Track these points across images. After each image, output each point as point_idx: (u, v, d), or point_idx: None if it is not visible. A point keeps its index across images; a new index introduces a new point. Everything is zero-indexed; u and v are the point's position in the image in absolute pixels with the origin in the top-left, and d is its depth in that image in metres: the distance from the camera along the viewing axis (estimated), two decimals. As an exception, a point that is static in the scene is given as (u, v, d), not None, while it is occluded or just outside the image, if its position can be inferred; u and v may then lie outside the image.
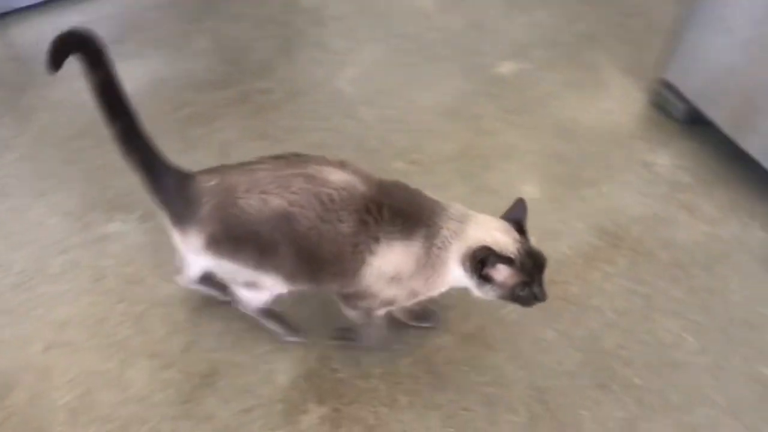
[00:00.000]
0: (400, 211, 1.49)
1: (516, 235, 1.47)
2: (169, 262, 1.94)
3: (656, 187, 2.28)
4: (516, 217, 1.51)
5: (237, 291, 1.72)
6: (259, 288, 1.66)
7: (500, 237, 1.46)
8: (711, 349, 1.90)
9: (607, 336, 1.90)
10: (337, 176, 1.49)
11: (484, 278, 1.46)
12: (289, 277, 1.58)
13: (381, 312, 1.69)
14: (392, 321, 1.81)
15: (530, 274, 1.44)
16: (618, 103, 2.55)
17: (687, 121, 2.47)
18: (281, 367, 1.80)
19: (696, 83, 2.36)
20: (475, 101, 2.51)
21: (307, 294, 1.74)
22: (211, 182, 1.52)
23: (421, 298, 1.61)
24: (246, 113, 2.39)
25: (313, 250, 1.50)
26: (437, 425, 1.72)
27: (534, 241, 1.50)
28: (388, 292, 1.57)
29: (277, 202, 1.46)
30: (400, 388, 1.78)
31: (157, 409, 1.72)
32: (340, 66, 2.58)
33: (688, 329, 1.93)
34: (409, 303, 1.66)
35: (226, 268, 1.62)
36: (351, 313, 1.70)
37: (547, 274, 1.50)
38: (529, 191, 2.23)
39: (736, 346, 1.91)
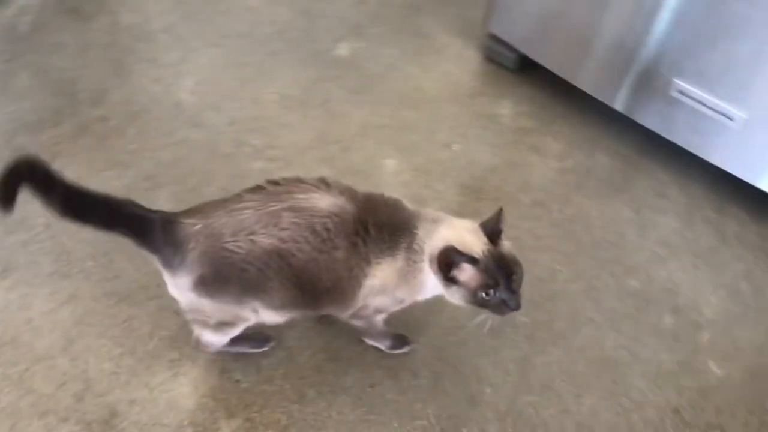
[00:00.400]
0: (384, 226, 1.47)
1: (485, 238, 1.43)
2: (42, 315, 1.85)
3: (504, 136, 2.41)
4: (491, 223, 1.45)
5: (201, 335, 1.67)
6: (232, 326, 1.63)
7: (468, 237, 1.43)
8: (583, 274, 2.04)
9: (489, 284, 2.00)
10: (325, 202, 1.45)
11: (450, 279, 1.43)
12: (280, 307, 1.57)
13: (379, 318, 1.69)
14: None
15: (494, 277, 1.39)
16: (454, 64, 2.65)
17: (520, 69, 2.61)
18: (183, 392, 1.76)
19: (520, 32, 2.50)
20: (320, 87, 2.53)
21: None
22: (196, 226, 1.45)
23: (407, 304, 1.62)
24: (88, 145, 2.28)
25: (313, 281, 1.48)
26: (349, 408, 1.75)
27: (509, 246, 1.48)
28: (376, 301, 1.57)
29: (267, 241, 1.42)
30: (305, 382, 1.79)
31: (60, 468, 1.64)
32: (177, 77, 2.51)
33: (559, 260, 2.07)
34: (396, 309, 1.65)
35: (203, 307, 1.56)
36: (353, 323, 1.70)
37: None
38: (390, 164, 2.29)
39: (604, 265, 2.07)
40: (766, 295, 2.03)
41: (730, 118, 2.01)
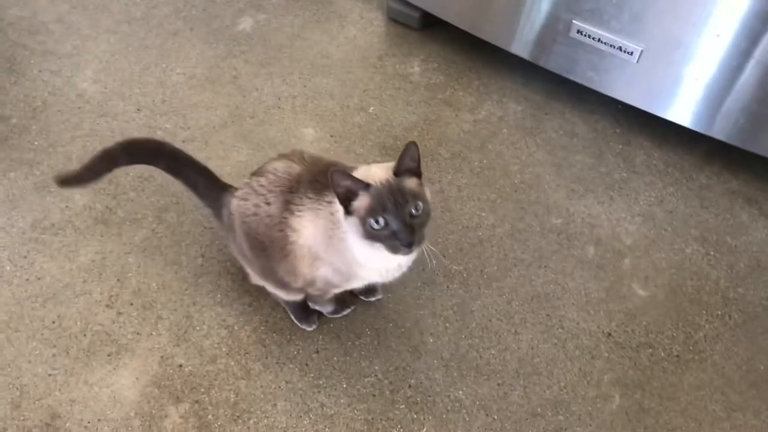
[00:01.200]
0: (316, 183, 1.49)
1: (391, 173, 1.37)
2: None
3: (417, 94, 2.43)
4: (398, 159, 1.37)
5: None
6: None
7: (374, 172, 1.38)
8: (506, 218, 2.10)
9: (419, 238, 2.03)
10: (273, 165, 1.58)
11: (348, 212, 1.37)
12: (261, 275, 1.70)
13: (337, 291, 1.72)
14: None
15: (383, 203, 1.32)
16: (359, 28, 2.65)
17: (424, 26, 2.63)
18: (125, 384, 1.73)
19: (421, -10, 2.52)
20: (227, 63, 2.48)
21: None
22: (234, 191, 1.66)
23: (358, 279, 1.58)
24: (-11, 147, 2.17)
25: (257, 238, 1.56)
26: (297, 376, 1.76)
27: (416, 183, 1.40)
28: (320, 272, 1.55)
29: (235, 202, 1.61)
30: (249, 357, 1.78)
31: (6, 479, 1.59)
32: (77, 68, 2.41)
33: (483, 207, 2.12)
34: (347, 285, 1.63)
35: None
36: (313, 292, 1.70)
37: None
38: (309, 133, 2.28)
39: (526, 207, 2.14)
40: (677, 217, 2.15)
41: (627, 52, 2.10)
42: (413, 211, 1.35)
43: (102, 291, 1.88)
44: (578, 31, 2.15)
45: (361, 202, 1.36)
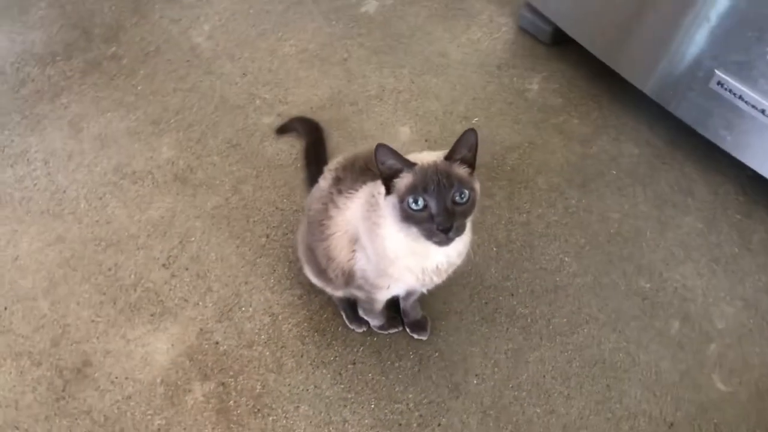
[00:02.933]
0: (368, 171, 1.44)
1: (441, 157, 1.27)
2: (28, 254, 1.82)
3: (529, 114, 2.27)
4: (458, 145, 1.25)
5: None
6: None
7: (425, 155, 1.29)
8: (591, 269, 1.93)
9: (491, 269, 1.90)
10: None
11: (389, 191, 1.27)
12: (305, 258, 1.68)
13: (380, 296, 1.57)
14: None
15: (425, 181, 1.22)
16: (485, 31, 2.51)
17: (554, 43, 2.46)
18: (160, 348, 1.72)
19: (559, 5, 2.34)
20: (341, 44, 2.41)
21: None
22: None
23: (391, 278, 1.44)
24: (96, 83, 2.21)
25: (308, 216, 1.56)
26: (327, 383, 1.69)
27: (466, 171, 1.27)
28: (359, 263, 1.46)
29: None
30: (285, 352, 1.73)
31: (28, 411, 1.62)
32: (195, 21, 2.42)
33: (568, 251, 1.96)
34: (382, 281, 1.48)
35: None
36: (357, 293, 1.61)
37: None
38: (404, 132, 2.18)
39: (615, 261, 1.95)
40: (785, 311, 1.90)
41: (770, 118, 1.86)
42: (457, 197, 1.24)
43: (162, 249, 1.88)
44: (719, 83, 1.92)
45: (403, 180, 1.26)
